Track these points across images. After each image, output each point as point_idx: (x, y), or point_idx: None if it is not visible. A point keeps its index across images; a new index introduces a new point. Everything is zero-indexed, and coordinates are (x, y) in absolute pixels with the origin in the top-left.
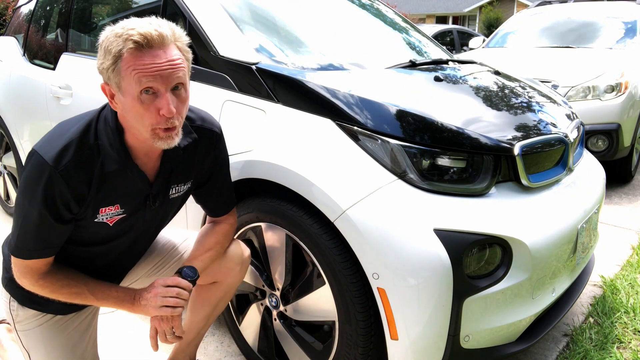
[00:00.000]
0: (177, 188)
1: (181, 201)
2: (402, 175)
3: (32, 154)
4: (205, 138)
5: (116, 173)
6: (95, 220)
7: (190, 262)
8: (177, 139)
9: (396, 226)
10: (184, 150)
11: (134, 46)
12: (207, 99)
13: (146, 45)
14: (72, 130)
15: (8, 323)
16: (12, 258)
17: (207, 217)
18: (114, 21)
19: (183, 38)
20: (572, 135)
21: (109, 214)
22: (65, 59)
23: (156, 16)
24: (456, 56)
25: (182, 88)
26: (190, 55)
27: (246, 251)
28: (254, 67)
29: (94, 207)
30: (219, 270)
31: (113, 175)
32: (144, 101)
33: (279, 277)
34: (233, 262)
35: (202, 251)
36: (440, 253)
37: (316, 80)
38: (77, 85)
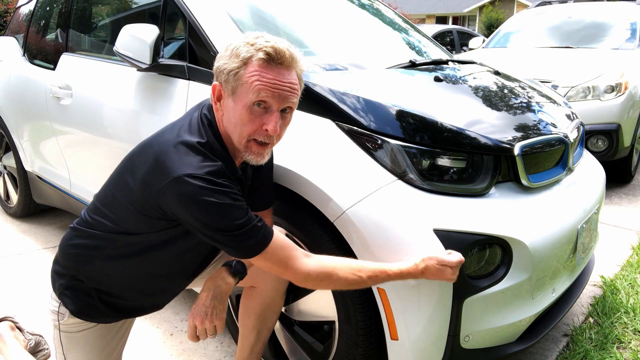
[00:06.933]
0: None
1: None
2: (402, 176)
3: (180, 180)
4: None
5: (237, 180)
6: None
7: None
8: (267, 158)
9: (396, 226)
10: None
11: (265, 57)
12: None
13: (276, 61)
14: (195, 146)
15: (12, 320)
16: (273, 259)
17: None
18: (114, 21)
19: (303, 67)
20: (572, 135)
21: None
22: (65, 59)
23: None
24: (456, 56)
25: (290, 112)
26: (302, 84)
27: None
28: None
29: None
30: (254, 274)
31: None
32: (253, 112)
33: None
34: None
35: None
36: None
37: (316, 81)
38: (77, 86)
